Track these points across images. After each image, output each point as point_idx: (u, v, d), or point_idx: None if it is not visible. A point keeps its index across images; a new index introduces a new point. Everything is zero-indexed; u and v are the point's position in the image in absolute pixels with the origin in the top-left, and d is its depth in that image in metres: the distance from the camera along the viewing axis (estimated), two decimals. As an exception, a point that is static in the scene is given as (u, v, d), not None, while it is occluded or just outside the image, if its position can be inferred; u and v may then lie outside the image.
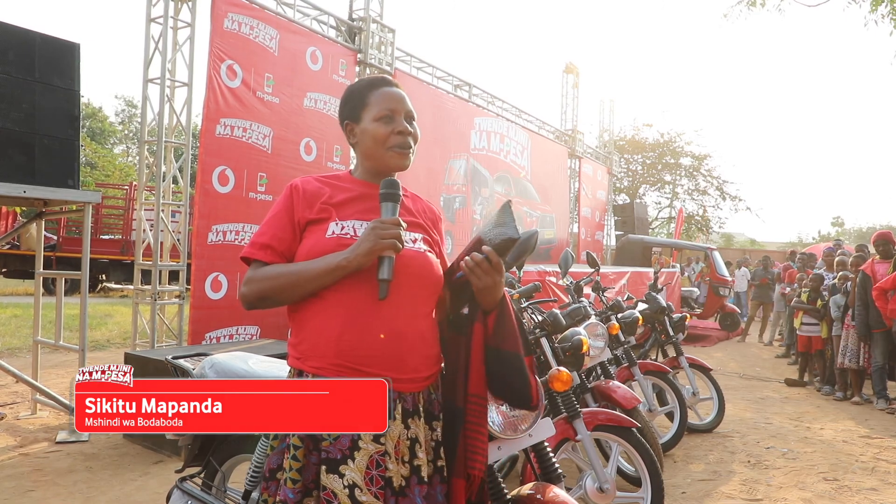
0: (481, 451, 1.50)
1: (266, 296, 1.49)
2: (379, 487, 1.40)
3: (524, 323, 2.23)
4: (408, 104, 1.61)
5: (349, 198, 1.57)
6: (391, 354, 1.45)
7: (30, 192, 4.08)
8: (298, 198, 1.56)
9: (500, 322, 1.52)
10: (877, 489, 3.87)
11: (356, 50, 7.04)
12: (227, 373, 2.10)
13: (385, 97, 1.59)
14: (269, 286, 1.48)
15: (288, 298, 1.50)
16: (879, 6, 7.97)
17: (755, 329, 11.99)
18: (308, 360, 1.47)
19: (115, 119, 37.82)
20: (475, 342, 1.52)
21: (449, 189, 8.94)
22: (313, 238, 1.51)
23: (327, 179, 1.62)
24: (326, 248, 1.47)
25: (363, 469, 1.39)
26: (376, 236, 1.40)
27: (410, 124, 1.60)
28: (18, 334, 8.56)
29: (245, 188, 5.58)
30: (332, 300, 1.46)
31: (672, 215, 26.96)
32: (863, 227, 44.12)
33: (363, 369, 1.43)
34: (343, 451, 1.40)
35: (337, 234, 1.50)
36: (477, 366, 1.52)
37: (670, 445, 4.32)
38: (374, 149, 1.57)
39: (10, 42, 4.02)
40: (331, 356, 1.44)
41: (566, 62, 13.89)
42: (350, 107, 1.62)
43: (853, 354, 6.32)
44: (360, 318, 1.44)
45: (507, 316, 1.52)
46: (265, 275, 1.49)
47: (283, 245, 1.53)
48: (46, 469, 3.77)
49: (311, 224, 1.54)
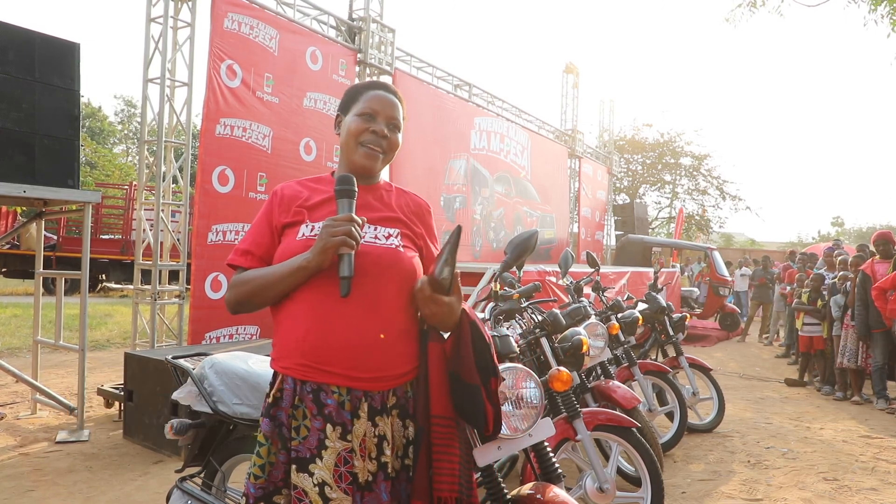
0: (448, 472, 1.46)
1: (242, 300, 1.53)
2: (347, 483, 1.42)
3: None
4: (395, 112, 1.62)
5: (323, 199, 1.59)
6: (355, 353, 1.45)
7: (30, 192, 4.08)
8: (276, 203, 1.60)
9: (456, 348, 1.51)
10: (877, 489, 3.87)
11: (356, 50, 7.03)
12: (227, 373, 2.10)
13: (375, 98, 1.62)
14: (244, 291, 1.53)
15: (261, 302, 1.52)
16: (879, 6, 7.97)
17: (755, 329, 11.99)
18: (279, 361, 1.51)
19: (114, 119, 37.85)
20: (432, 362, 1.51)
21: (449, 189, 8.94)
22: (286, 241, 1.54)
23: (308, 183, 1.65)
24: (296, 251, 1.49)
25: (332, 467, 1.42)
26: (327, 234, 1.42)
27: (391, 131, 1.61)
28: (18, 334, 8.56)
29: (245, 188, 5.58)
30: (299, 300, 1.48)
31: (672, 215, 26.95)
32: (863, 227, 44.09)
33: (327, 369, 1.44)
34: (311, 451, 1.43)
35: (307, 235, 1.52)
36: (437, 387, 1.50)
37: (670, 445, 4.32)
38: (347, 141, 1.60)
39: (10, 42, 4.02)
40: (297, 356, 1.46)
41: (566, 62, 13.89)
42: (345, 100, 1.67)
43: (853, 354, 6.32)
44: (323, 318, 1.45)
45: (464, 343, 1.49)
46: (242, 280, 1.54)
47: (261, 249, 1.57)
48: (46, 469, 3.77)
49: (287, 227, 1.57)
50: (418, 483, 1.46)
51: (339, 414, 1.44)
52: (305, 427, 1.45)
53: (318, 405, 1.45)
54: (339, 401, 1.44)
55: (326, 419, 1.44)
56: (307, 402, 1.45)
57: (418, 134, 7.95)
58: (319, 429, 1.44)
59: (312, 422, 1.44)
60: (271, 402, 1.49)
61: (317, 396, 1.45)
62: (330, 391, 1.45)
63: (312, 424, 1.44)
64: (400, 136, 1.65)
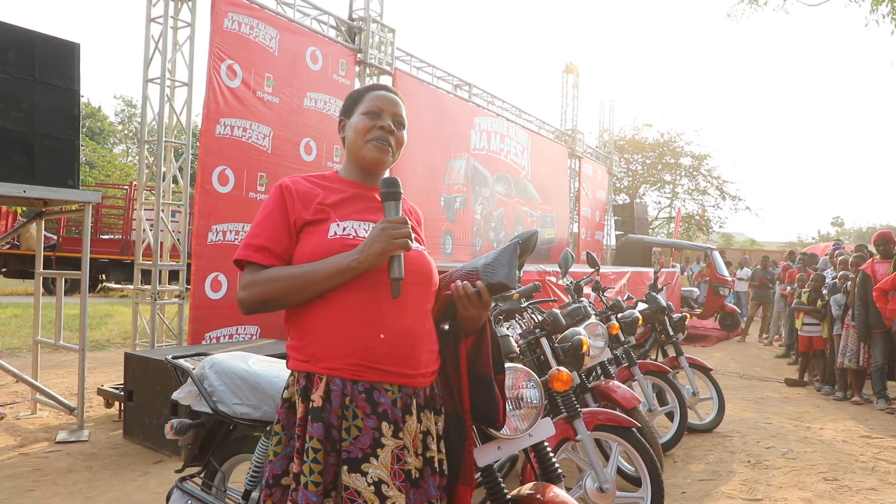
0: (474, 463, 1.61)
1: (270, 299, 1.46)
2: (401, 481, 1.42)
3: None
4: (399, 109, 1.63)
5: (343, 198, 1.57)
6: (405, 351, 1.47)
7: (30, 192, 4.08)
8: (292, 198, 1.54)
9: (477, 345, 1.58)
10: (877, 489, 3.87)
11: (356, 50, 7.03)
12: (227, 373, 2.09)
13: (378, 97, 1.63)
14: (274, 289, 1.46)
15: (294, 301, 1.47)
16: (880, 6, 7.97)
17: (755, 329, 11.99)
18: (320, 362, 1.46)
19: (114, 119, 37.84)
20: (462, 364, 1.57)
21: (449, 189, 8.94)
22: (314, 239, 1.50)
23: (316, 180, 1.62)
24: (331, 250, 1.46)
25: (388, 465, 1.41)
26: (388, 236, 1.41)
27: (397, 127, 1.62)
28: (18, 334, 8.56)
29: (245, 188, 5.58)
30: (341, 301, 1.45)
31: (672, 215, 26.96)
32: (863, 227, 44.10)
33: (380, 367, 1.45)
34: (364, 450, 1.41)
35: (339, 234, 1.50)
36: (465, 385, 1.58)
37: (670, 445, 4.32)
38: (355, 140, 1.60)
39: (10, 42, 4.02)
40: (346, 356, 1.44)
41: (566, 62, 13.89)
42: (347, 105, 1.67)
43: (853, 354, 6.32)
44: (373, 317, 1.45)
45: (484, 340, 1.59)
46: (268, 277, 1.47)
47: (279, 247, 1.50)
48: (46, 469, 3.77)
49: (309, 225, 1.52)
50: (465, 469, 1.54)
51: (393, 411, 1.45)
52: (356, 427, 1.42)
53: (371, 404, 1.43)
54: (392, 398, 1.45)
55: (381, 417, 1.43)
56: (359, 402, 1.43)
57: (418, 134, 7.94)
58: (374, 427, 1.42)
59: (365, 421, 1.42)
60: (318, 406, 1.42)
61: (370, 395, 1.44)
62: (383, 389, 1.45)
63: (365, 424, 1.42)
64: (405, 133, 1.66)
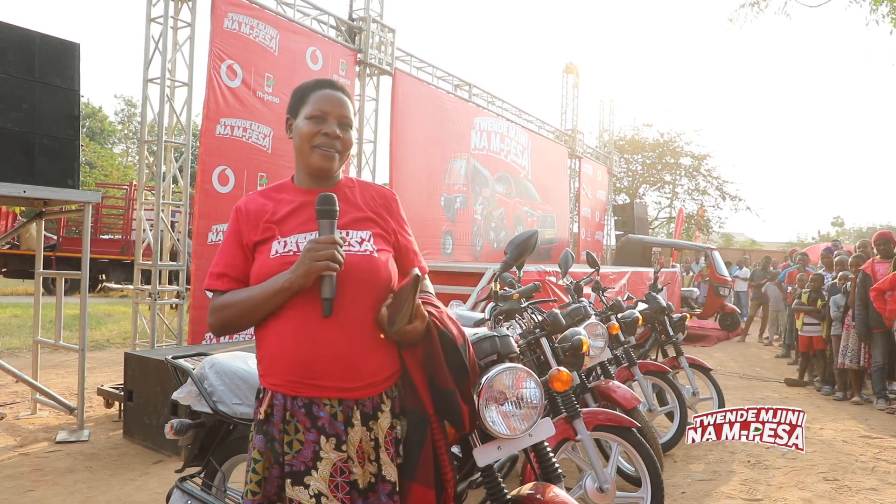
0: (450, 462, 1.57)
1: (228, 323, 1.53)
2: (345, 493, 1.44)
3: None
4: (345, 110, 1.61)
5: (290, 211, 1.58)
6: (344, 365, 1.46)
7: (30, 192, 4.08)
8: (243, 220, 1.59)
9: (428, 355, 1.55)
10: (877, 489, 3.87)
11: (356, 50, 7.03)
12: (227, 373, 2.10)
13: (323, 98, 1.60)
14: (229, 314, 1.52)
15: (248, 322, 1.53)
16: (880, 6, 7.97)
17: (755, 329, 11.99)
18: (266, 378, 1.52)
19: (114, 119, 37.83)
20: (411, 367, 1.55)
21: (449, 189, 8.94)
22: (260, 259, 1.54)
23: (271, 193, 1.64)
24: (272, 270, 1.49)
25: (327, 478, 1.44)
26: (310, 259, 1.42)
27: (343, 130, 1.60)
28: (18, 334, 8.56)
29: (245, 188, 5.58)
30: (283, 318, 1.49)
31: (672, 215, 26.95)
32: (863, 227, 44.06)
33: (318, 383, 1.46)
34: (306, 463, 1.44)
35: (280, 252, 1.52)
36: (422, 388, 1.56)
37: (670, 445, 4.32)
38: (301, 146, 1.59)
39: (10, 42, 4.02)
40: (285, 373, 1.47)
41: (566, 62, 13.90)
42: (293, 102, 1.65)
43: (853, 354, 6.32)
44: (309, 334, 1.46)
45: (435, 350, 1.54)
46: (223, 304, 1.54)
47: (236, 271, 1.56)
48: (46, 469, 3.77)
49: (259, 244, 1.56)
50: (422, 470, 1.50)
51: (332, 425, 1.46)
52: (298, 441, 1.46)
53: (311, 418, 1.46)
54: (332, 412, 1.46)
55: (320, 431, 1.45)
56: (299, 417, 1.46)
57: (418, 134, 7.94)
58: (314, 441, 1.45)
59: (306, 435, 1.45)
60: (262, 419, 1.50)
61: (309, 410, 1.46)
62: (322, 404, 1.46)
63: (306, 437, 1.45)
64: (353, 132, 1.65)
